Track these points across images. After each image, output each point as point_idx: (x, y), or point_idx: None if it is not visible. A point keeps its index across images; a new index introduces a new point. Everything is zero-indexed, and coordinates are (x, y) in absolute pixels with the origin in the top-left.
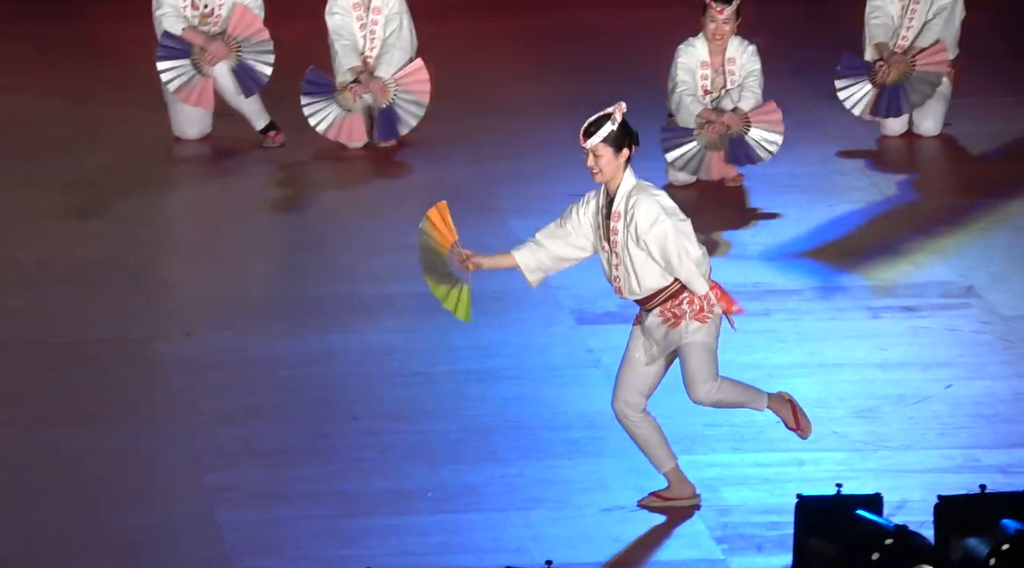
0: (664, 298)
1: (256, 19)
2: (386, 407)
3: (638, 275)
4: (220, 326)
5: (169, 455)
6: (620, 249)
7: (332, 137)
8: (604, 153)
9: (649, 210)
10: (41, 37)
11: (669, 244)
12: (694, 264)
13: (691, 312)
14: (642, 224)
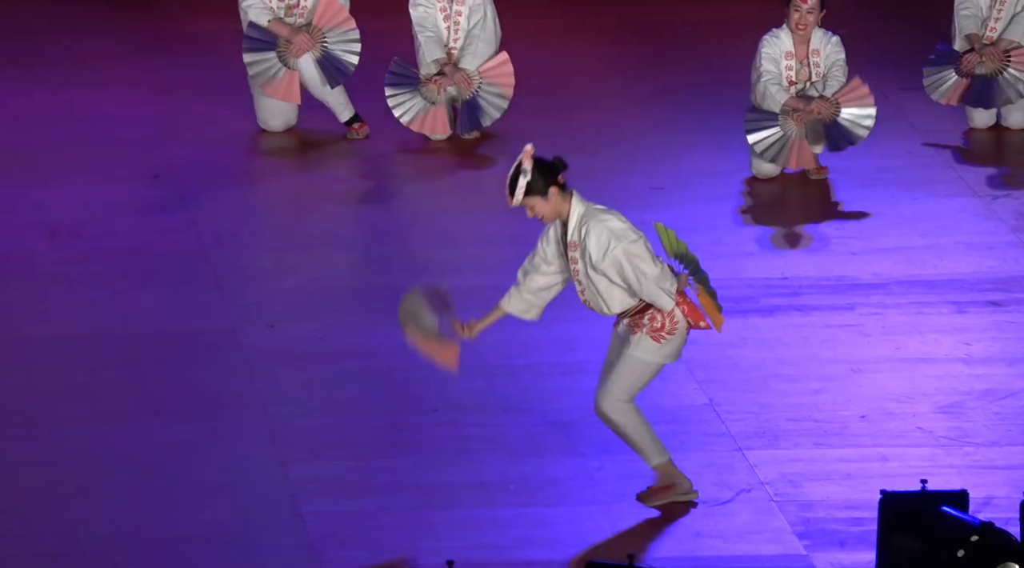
0: (632, 313)
1: (342, 9)
2: (467, 399)
3: (604, 299)
4: (303, 318)
5: (252, 446)
6: (583, 277)
7: (416, 129)
8: (533, 203)
9: (599, 239)
10: (120, 31)
11: (625, 268)
12: (654, 283)
13: (648, 328)
14: (595, 254)
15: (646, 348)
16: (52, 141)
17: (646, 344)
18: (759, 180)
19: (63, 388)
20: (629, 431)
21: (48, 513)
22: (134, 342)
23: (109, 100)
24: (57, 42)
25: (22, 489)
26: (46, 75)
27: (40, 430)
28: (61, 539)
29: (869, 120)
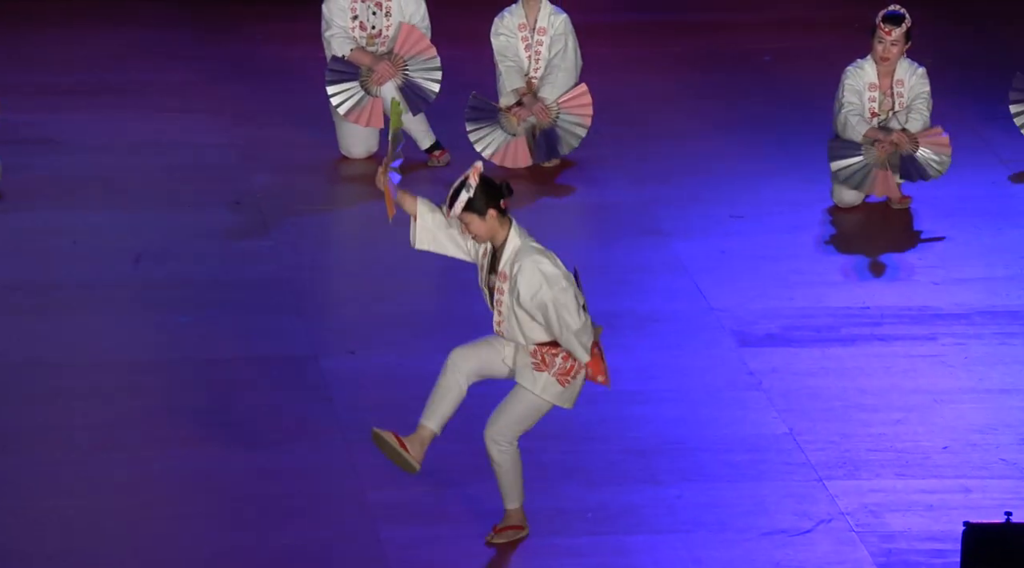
0: (544, 344)
1: (423, 37)
2: (545, 427)
3: (523, 331)
4: (384, 344)
5: (332, 472)
6: (505, 309)
7: (499, 162)
8: (470, 220)
9: (531, 281)
10: (205, 59)
11: (550, 315)
12: (573, 336)
13: (558, 369)
14: (524, 294)
15: (551, 391)
16: (137, 167)
17: (552, 387)
18: (841, 209)
19: (145, 413)
20: (504, 471)
21: (129, 536)
22: (215, 367)
23: (193, 127)
24: (144, 70)
25: (104, 512)
26: (132, 102)
27: (122, 454)
28: (141, 563)
29: (943, 166)
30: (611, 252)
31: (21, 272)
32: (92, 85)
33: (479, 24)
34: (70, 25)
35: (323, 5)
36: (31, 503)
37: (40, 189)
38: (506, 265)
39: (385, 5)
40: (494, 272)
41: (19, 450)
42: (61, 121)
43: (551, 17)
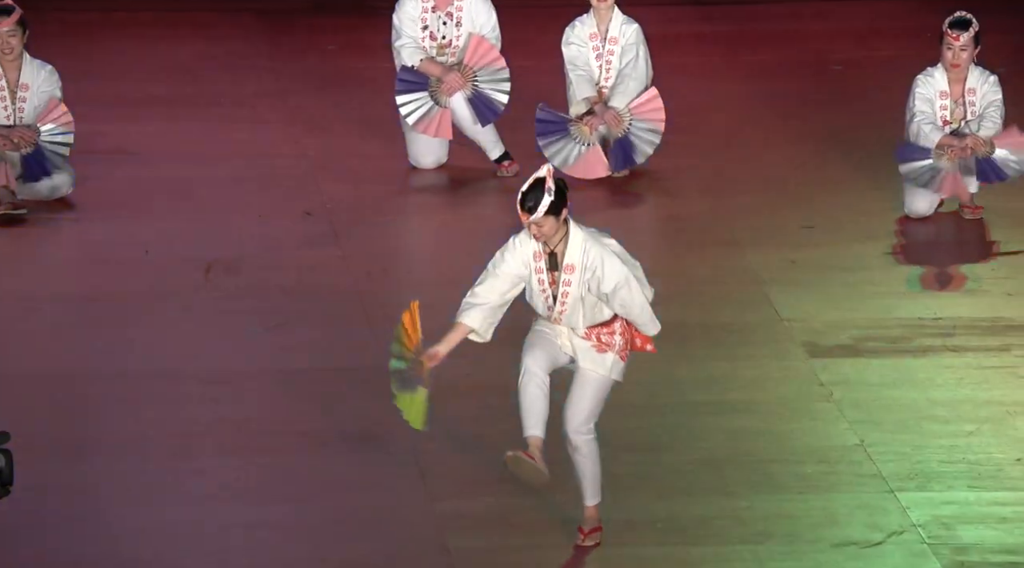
0: (598, 326)
1: (492, 48)
2: (614, 437)
3: (587, 315)
4: (453, 355)
5: (401, 482)
6: (571, 298)
7: (578, 174)
8: (546, 222)
9: (613, 271)
10: (277, 70)
11: (635, 303)
12: (650, 310)
13: (618, 347)
14: (607, 285)
15: (617, 369)
16: (209, 178)
17: (618, 365)
18: (912, 219)
19: (218, 423)
20: (590, 461)
21: (201, 547)
22: (286, 378)
23: (265, 138)
24: (217, 81)
25: (176, 522)
26: (205, 113)
27: (194, 465)
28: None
29: (1022, 166)
30: (683, 262)
31: (94, 282)
32: (166, 96)
33: (549, 34)
34: (144, 36)
35: (393, 15)
36: (104, 513)
37: (113, 199)
38: (574, 257)
39: (456, 15)
40: (556, 269)
41: (92, 460)
42: (135, 132)
43: (623, 27)
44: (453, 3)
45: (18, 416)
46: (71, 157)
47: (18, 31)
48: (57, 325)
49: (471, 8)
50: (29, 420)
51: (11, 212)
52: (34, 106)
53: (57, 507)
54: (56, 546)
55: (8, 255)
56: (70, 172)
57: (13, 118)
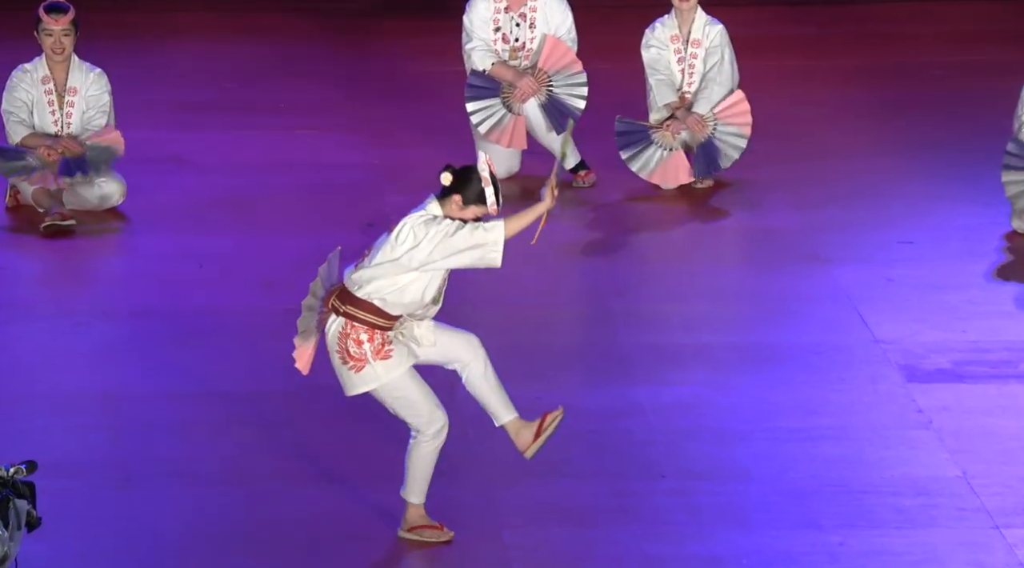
0: None
1: (569, 51)
2: (697, 466)
3: None
4: (522, 376)
5: (468, 510)
6: None
7: (657, 181)
8: None
9: None
10: (340, 75)
11: None
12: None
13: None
14: None
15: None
16: (269, 188)
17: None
18: (1020, 235)
19: (273, 446)
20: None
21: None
22: (346, 399)
23: (327, 146)
24: (277, 87)
25: (227, 550)
26: (264, 120)
27: (247, 490)
28: None
29: None
30: (769, 280)
31: (146, 298)
32: (223, 102)
33: (628, 36)
34: (201, 40)
35: (464, 17)
36: (154, 537)
37: (167, 211)
38: None
39: (530, 16)
40: None
41: (141, 483)
42: (190, 140)
43: (706, 28)
44: (527, 3)
45: (65, 437)
46: (122, 166)
47: (71, 31)
48: (106, 343)
49: (546, 8)
50: (77, 442)
51: (59, 223)
52: (82, 111)
53: (104, 532)
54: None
55: (56, 269)
56: (120, 181)
57: (60, 124)
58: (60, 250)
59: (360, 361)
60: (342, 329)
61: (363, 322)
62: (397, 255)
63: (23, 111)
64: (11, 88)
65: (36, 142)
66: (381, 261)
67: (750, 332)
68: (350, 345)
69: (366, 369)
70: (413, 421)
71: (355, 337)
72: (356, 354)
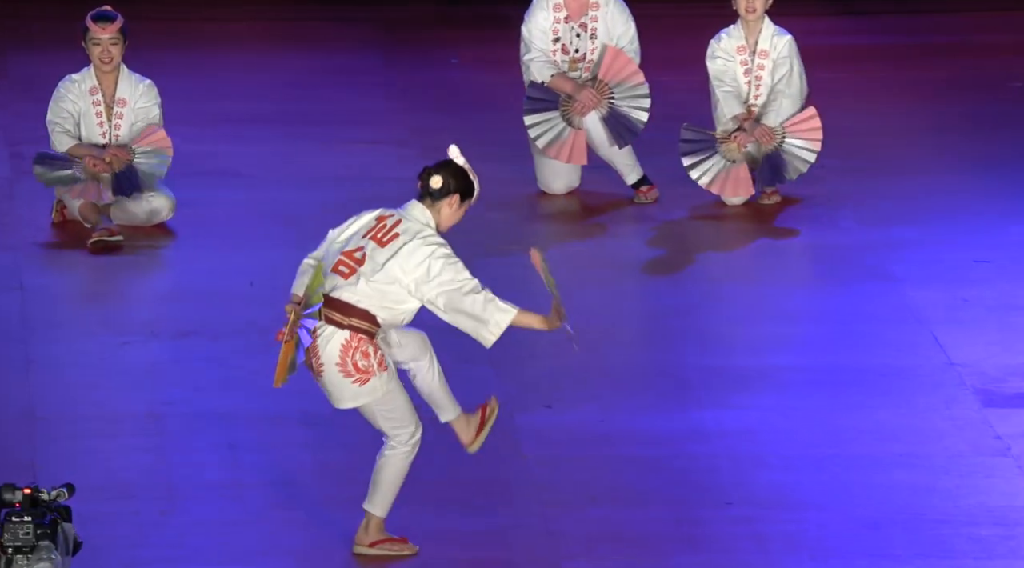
0: None
1: (630, 62)
2: (763, 492)
3: None
4: (583, 398)
5: (525, 536)
6: None
7: (716, 191)
8: None
9: None
10: (393, 85)
11: None
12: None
13: None
14: None
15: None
16: (319, 202)
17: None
18: None
19: (326, 469)
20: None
21: None
22: None
23: (380, 160)
24: (329, 98)
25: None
26: (316, 133)
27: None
28: None
29: None
30: (838, 299)
31: (194, 316)
32: (273, 113)
33: (693, 47)
34: (252, 49)
35: (523, 26)
36: (201, 562)
37: (216, 226)
38: None
39: (590, 26)
40: None
41: (188, 508)
42: (240, 152)
43: (774, 38)
44: (588, 13)
45: (110, 459)
46: (171, 180)
47: (119, 40)
48: (152, 362)
49: (607, 18)
50: (122, 463)
51: (107, 239)
52: (130, 123)
53: (149, 557)
54: None
55: (102, 286)
56: (169, 196)
57: (109, 135)
58: (107, 266)
59: (366, 374)
60: (345, 342)
61: (365, 332)
62: (405, 281)
63: (69, 122)
64: (58, 99)
65: (82, 152)
66: (387, 281)
67: (818, 354)
68: (358, 358)
69: (371, 381)
70: (398, 431)
71: (363, 350)
72: (364, 367)
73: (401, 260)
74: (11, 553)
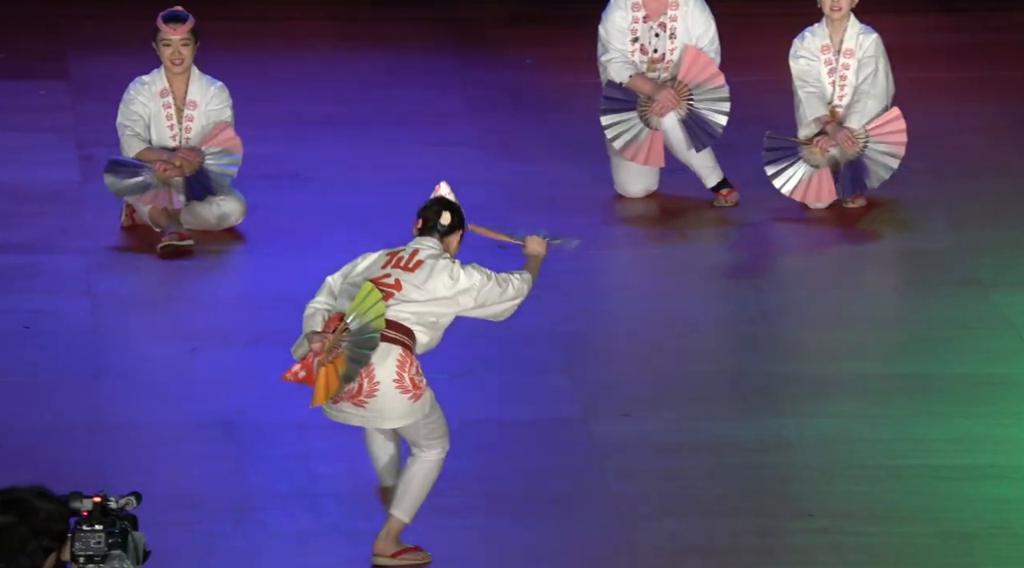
0: None
1: (711, 63)
2: (845, 504)
3: None
4: (660, 406)
5: (602, 548)
6: None
7: (799, 198)
8: None
9: None
10: (466, 86)
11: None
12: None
13: None
14: None
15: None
16: (392, 205)
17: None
18: None
19: None
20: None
21: None
22: (474, 430)
23: (453, 162)
24: (400, 98)
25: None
26: (386, 134)
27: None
28: None
29: None
30: (924, 305)
31: (265, 322)
32: (343, 115)
33: (774, 47)
34: (321, 49)
35: (600, 26)
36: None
37: (287, 230)
38: None
39: (670, 26)
40: None
41: (260, 519)
42: (310, 155)
43: (859, 37)
44: (667, 12)
45: (181, 466)
46: (241, 183)
47: (190, 41)
48: (224, 369)
49: (687, 17)
50: (193, 471)
51: (176, 243)
52: (201, 126)
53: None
54: None
55: (172, 291)
56: (240, 199)
57: (179, 138)
58: (177, 271)
59: (420, 389)
60: (400, 358)
61: (410, 350)
62: (448, 294)
63: (139, 125)
64: (128, 101)
65: (152, 156)
66: (427, 298)
67: (904, 361)
68: (413, 373)
69: (424, 396)
70: (435, 442)
71: (416, 365)
72: (418, 382)
73: (437, 277)
74: (83, 562)
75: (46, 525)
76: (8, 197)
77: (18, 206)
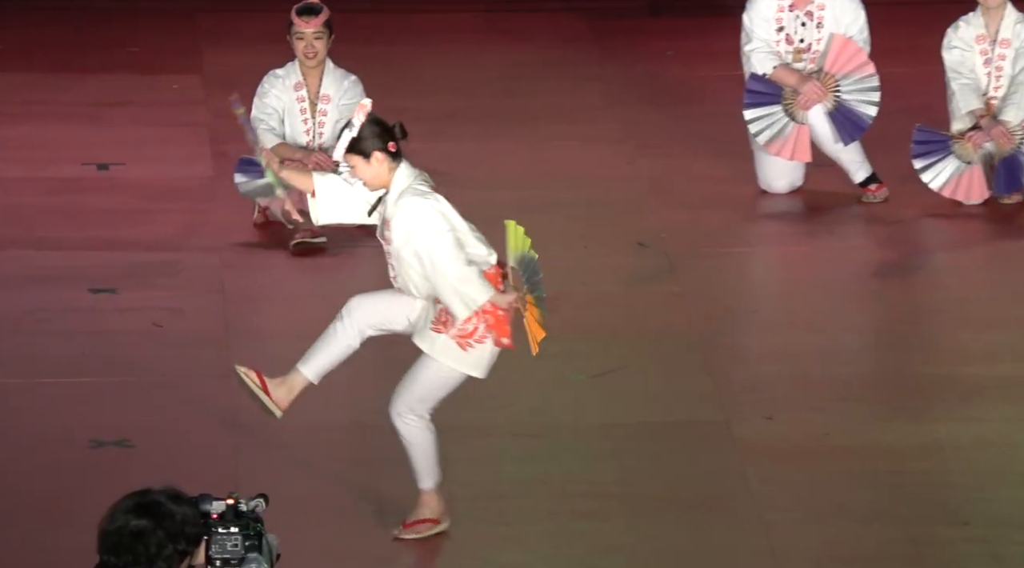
0: None
1: (860, 52)
2: (1003, 512)
3: (414, 282)
4: (806, 409)
5: (746, 555)
6: (394, 259)
7: (948, 195)
8: (355, 162)
9: (402, 224)
10: (606, 79)
11: (424, 262)
12: (450, 286)
13: (457, 330)
14: (396, 239)
15: (450, 355)
16: (527, 202)
17: (451, 351)
18: None
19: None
20: (413, 448)
21: None
22: (614, 432)
23: (592, 158)
24: (535, 93)
25: None
26: (522, 130)
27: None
28: None
29: None
30: None
31: None
32: (477, 110)
33: (927, 36)
34: (454, 42)
35: (744, 15)
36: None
37: None
38: (391, 209)
39: (817, 15)
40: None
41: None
42: (442, 151)
43: (1017, 26)
44: (814, 1)
45: (313, 468)
46: None
47: (324, 34)
48: (356, 370)
49: (836, 5)
50: (325, 473)
51: (309, 240)
52: (335, 120)
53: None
54: None
55: (304, 289)
56: None
57: (312, 133)
58: (309, 269)
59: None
60: None
61: None
62: None
63: (273, 118)
64: (262, 94)
65: (287, 153)
66: None
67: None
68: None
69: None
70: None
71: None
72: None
73: None
74: (219, 565)
75: (181, 528)
76: (141, 194)
77: (151, 203)
